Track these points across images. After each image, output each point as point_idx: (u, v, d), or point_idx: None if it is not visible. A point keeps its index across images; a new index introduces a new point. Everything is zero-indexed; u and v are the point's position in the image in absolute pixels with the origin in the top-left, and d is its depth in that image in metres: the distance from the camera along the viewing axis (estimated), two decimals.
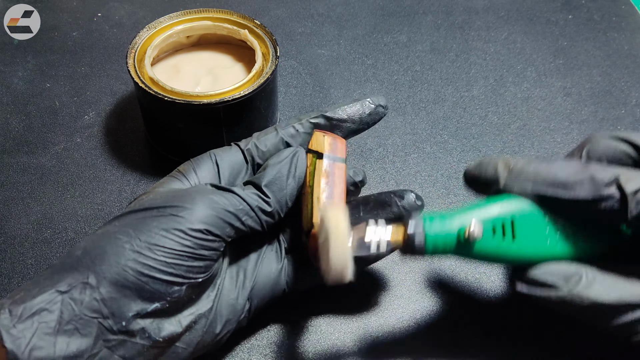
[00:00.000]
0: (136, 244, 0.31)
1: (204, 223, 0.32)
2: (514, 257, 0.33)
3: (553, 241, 0.33)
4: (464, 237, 0.32)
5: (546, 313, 0.39)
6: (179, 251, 0.31)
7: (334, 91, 0.56)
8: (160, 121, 0.47)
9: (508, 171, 0.33)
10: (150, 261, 0.30)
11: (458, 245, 0.32)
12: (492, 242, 0.32)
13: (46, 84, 0.56)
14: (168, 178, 0.36)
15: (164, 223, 0.31)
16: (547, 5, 0.67)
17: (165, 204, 0.32)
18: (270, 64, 0.46)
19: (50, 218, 0.45)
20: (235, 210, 0.33)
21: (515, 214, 0.33)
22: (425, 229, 0.32)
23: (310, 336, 0.39)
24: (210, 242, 0.32)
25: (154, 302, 0.31)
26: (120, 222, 0.32)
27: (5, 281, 0.41)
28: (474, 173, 0.35)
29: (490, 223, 0.32)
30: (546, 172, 0.32)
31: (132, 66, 0.45)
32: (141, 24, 0.56)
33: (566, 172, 0.32)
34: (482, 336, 0.39)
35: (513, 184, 0.33)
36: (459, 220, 0.32)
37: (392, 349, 0.39)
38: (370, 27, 0.64)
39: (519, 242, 0.33)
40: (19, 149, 0.50)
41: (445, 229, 0.32)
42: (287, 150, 0.37)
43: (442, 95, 0.56)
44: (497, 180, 0.34)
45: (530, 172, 0.33)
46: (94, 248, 0.31)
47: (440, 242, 0.32)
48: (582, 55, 0.61)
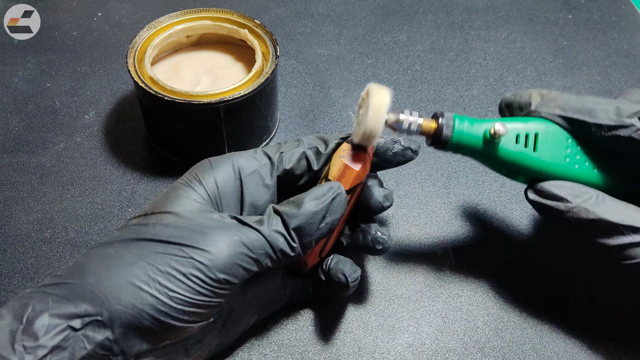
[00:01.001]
0: (155, 287, 0.29)
1: (225, 274, 0.30)
2: (532, 168, 0.35)
3: (572, 162, 0.35)
4: (490, 134, 0.34)
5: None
6: (198, 300, 0.30)
7: (334, 91, 0.56)
8: (160, 121, 0.47)
9: (541, 98, 0.36)
10: (168, 309, 0.30)
11: (484, 143, 0.35)
12: (514, 147, 0.35)
13: (46, 84, 0.56)
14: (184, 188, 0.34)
15: (185, 266, 0.30)
16: (547, 5, 0.67)
17: (186, 242, 0.31)
18: (270, 63, 0.46)
19: (50, 218, 0.45)
20: (258, 254, 0.31)
21: (539, 130, 0.35)
22: (455, 124, 0.35)
23: (310, 336, 0.39)
24: (228, 290, 0.31)
25: (165, 340, 0.31)
26: (139, 251, 0.31)
27: (5, 281, 0.41)
28: (509, 99, 0.38)
29: (515, 132, 0.35)
30: (576, 101, 0.35)
31: (132, 66, 0.45)
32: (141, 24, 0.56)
33: (594, 101, 0.35)
34: (481, 335, 0.39)
35: (543, 107, 0.36)
36: (486, 125, 0.35)
37: (392, 349, 0.39)
38: (370, 27, 0.64)
39: (539, 154, 0.35)
40: (19, 148, 0.50)
41: (472, 128, 0.35)
42: (327, 189, 0.33)
43: (442, 95, 0.56)
44: (529, 104, 0.36)
45: (561, 99, 0.35)
46: (108, 278, 0.30)
47: (465, 138, 0.35)
48: (582, 55, 0.61)
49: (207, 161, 0.35)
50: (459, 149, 0.35)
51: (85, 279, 0.30)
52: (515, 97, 0.37)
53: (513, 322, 0.40)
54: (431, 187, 0.48)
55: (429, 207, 0.47)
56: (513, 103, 0.37)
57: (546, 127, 0.35)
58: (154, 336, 0.30)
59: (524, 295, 0.41)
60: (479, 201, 0.47)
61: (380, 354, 0.38)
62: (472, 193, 0.48)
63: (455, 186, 0.48)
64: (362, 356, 0.38)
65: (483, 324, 0.40)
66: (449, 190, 0.48)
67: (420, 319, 0.40)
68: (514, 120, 0.36)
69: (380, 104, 0.32)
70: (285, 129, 0.52)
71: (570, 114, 0.35)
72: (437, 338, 0.39)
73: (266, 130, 0.50)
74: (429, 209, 0.47)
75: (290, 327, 0.40)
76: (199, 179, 0.34)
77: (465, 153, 0.35)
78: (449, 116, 0.35)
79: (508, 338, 0.39)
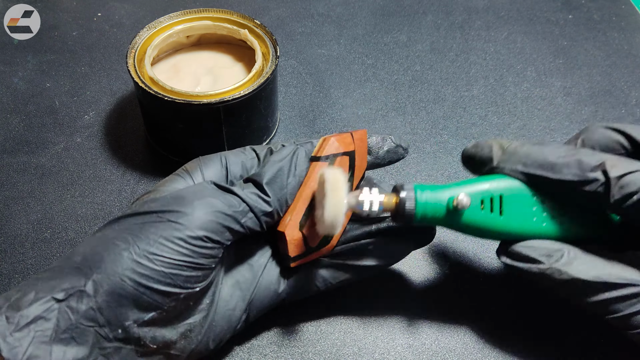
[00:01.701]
0: (135, 252, 0.30)
1: (203, 230, 0.31)
2: (500, 231, 0.35)
3: (540, 220, 0.34)
4: (453, 205, 0.33)
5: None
6: (178, 260, 0.30)
7: (334, 91, 0.56)
8: (160, 121, 0.47)
9: (502, 151, 0.35)
10: (149, 271, 0.30)
11: (447, 213, 0.34)
12: (480, 214, 0.34)
13: (46, 84, 0.56)
14: (173, 176, 0.36)
15: (163, 230, 0.31)
16: (547, 5, 0.67)
17: (163, 208, 0.32)
18: (270, 63, 0.46)
19: (50, 218, 0.45)
20: (234, 212, 0.32)
21: (504, 191, 0.34)
22: (417, 196, 0.34)
23: (310, 336, 0.39)
24: (210, 250, 0.32)
25: (150, 311, 0.31)
26: (120, 226, 0.32)
27: (5, 281, 0.41)
28: (470, 152, 0.37)
29: (479, 196, 0.34)
30: (537, 154, 0.34)
31: (132, 66, 0.45)
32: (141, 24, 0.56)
33: (556, 154, 0.33)
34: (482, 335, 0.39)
35: (505, 163, 0.35)
36: (449, 192, 0.34)
37: (392, 349, 0.39)
38: (370, 27, 0.64)
39: (506, 217, 0.34)
40: (19, 148, 0.50)
41: (435, 197, 0.34)
42: (287, 149, 0.36)
43: (442, 95, 0.56)
44: (491, 159, 0.35)
45: (522, 153, 0.34)
46: (92, 254, 0.30)
47: (429, 209, 0.34)
48: (582, 55, 0.61)
49: (197, 158, 0.37)
50: (424, 220, 0.34)
51: (72, 259, 0.31)
52: (476, 151, 0.36)
53: (513, 322, 0.40)
54: None
55: None
56: (475, 157, 0.36)
57: (511, 187, 0.34)
58: (138, 304, 0.30)
59: (525, 294, 0.41)
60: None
61: (380, 354, 0.38)
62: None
63: None
64: (362, 356, 0.38)
65: (483, 323, 0.40)
66: None
67: (420, 319, 0.40)
68: (477, 181, 0.35)
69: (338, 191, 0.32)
70: (285, 129, 0.52)
71: (532, 170, 0.34)
72: (437, 338, 0.39)
73: (266, 130, 0.50)
74: None
75: (290, 327, 0.40)
76: (188, 170, 0.36)
77: (431, 223, 0.35)
78: (409, 187, 0.34)
79: (508, 338, 0.39)
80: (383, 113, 0.54)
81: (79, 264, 0.30)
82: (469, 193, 0.34)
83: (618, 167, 0.32)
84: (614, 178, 0.31)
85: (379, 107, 0.55)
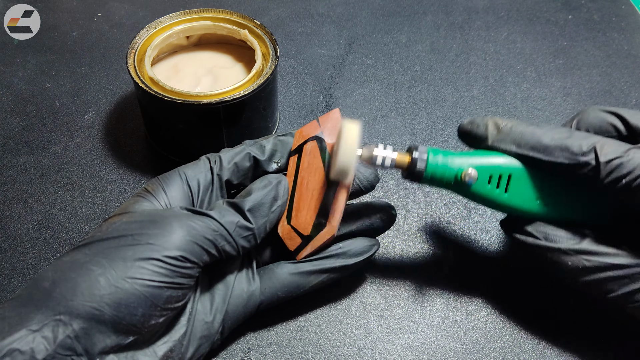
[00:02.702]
0: (111, 276, 0.29)
1: (180, 249, 0.31)
2: (503, 206, 0.36)
3: (543, 202, 0.36)
4: (461, 177, 0.35)
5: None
6: (157, 281, 0.30)
7: (334, 91, 0.56)
8: (160, 121, 0.47)
9: (497, 131, 0.36)
10: (128, 295, 0.29)
11: (455, 182, 0.35)
12: (485, 188, 0.35)
13: (46, 84, 0.56)
14: (136, 198, 0.35)
15: (140, 252, 0.30)
16: (547, 5, 0.67)
17: (140, 230, 0.31)
18: (270, 64, 0.46)
19: (50, 218, 0.45)
20: (213, 236, 0.32)
21: (514, 171, 0.35)
22: (429, 158, 0.35)
23: (310, 336, 0.39)
24: (187, 269, 0.31)
25: (129, 335, 0.30)
26: (92, 251, 0.31)
27: (5, 281, 0.41)
28: (466, 129, 0.37)
29: (489, 171, 0.35)
30: (530, 135, 0.34)
31: (132, 66, 0.45)
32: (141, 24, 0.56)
33: (549, 137, 0.34)
34: (481, 335, 0.39)
35: (499, 143, 0.35)
36: (460, 160, 0.35)
37: (392, 349, 0.39)
38: (370, 28, 0.64)
39: (510, 195, 0.36)
40: (19, 149, 0.50)
41: (446, 163, 0.35)
42: (272, 177, 0.36)
43: (442, 95, 0.56)
44: (486, 137, 0.36)
45: (516, 133, 0.35)
46: (64, 280, 0.29)
47: (439, 172, 0.35)
48: (582, 55, 0.61)
49: (156, 177, 0.36)
50: (433, 182, 0.35)
51: (40, 286, 0.29)
52: (472, 128, 0.37)
53: (513, 322, 0.40)
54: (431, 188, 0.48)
55: (429, 207, 0.47)
56: (470, 134, 0.37)
57: (522, 169, 0.35)
58: (117, 329, 0.29)
59: (524, 295, 0.41)
60: None
61: (380, 354, 0.38)
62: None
63: None
64: (362, 356, 0.38)
65: (483, 324, 0.40)
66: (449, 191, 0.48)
67: (420, 319, 0.40)
68: (488, 155, 0.35)
69: (352, 141, 0.33)
70: (285, 129, 0.53)
71: (525, 151, 0.34)
72: (436, 338, 0.39)
73: (266, 130, 0.50)
74: (429, 209, 0.47)
75: (290, 327, 0.40)
76: (149, 189, 0.35)
77: (439, 186, 0.36)
78: (422, 150, 0.35)
79: (508, 338, 0.39)
80: (383, 113, 0.54)
81: (51, 291, 0.29)
82: (479, 165, 0.35)
83: (608, 151, 0.32)
84: (604, 162, 0.32)
85: (379, 108, 0.55)
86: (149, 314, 0.30)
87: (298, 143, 0.37)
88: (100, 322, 0.29)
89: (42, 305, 0.29)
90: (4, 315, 0.28)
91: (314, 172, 0.37)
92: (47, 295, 0.29)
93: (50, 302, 0.29)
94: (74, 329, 0.28)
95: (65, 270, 0.30)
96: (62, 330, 0.28)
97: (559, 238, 0.35)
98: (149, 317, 0.30)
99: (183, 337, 0.33)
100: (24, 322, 0.28)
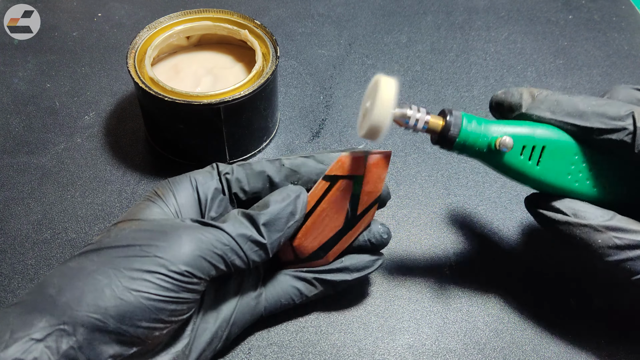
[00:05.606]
0: (117, 287, 0.29)
1: (187, 265, 0.30)
2: (533, 179, 0.35)
3: (574, 178, 0.35)
4: (495, 145, 0.33)
5: None
6: (162, 296, 0.29)
7: (334, 91, 0.56)
8: (160, 121, 0.47)
9: (532, 99, 0.35)
10: (132, 308, 0.29)
11: (488, 150, 0.34)
12: (517, 159, 0.34)
13: (46, 84, 0.56)
14: (146, 202, 0.34)
15: (147, 264, 0.30)
16: (547, 5, 0.67)
17: (149, 241, 0.30)
18: (270, 64, 0.46)
19: (50, 218, 0.45)
20: (223, 250, 0.31)
21: (548, 143, 0.34)
22: (463, 123, 0.33)
23: (310, 337, 0.39)
24: (193, 285, 0.31)
25: (132, 347, 0.30)
26: (100, 259, 0.30)
27: (5, 281, 0.41)
28: (500, 98, 0.36)
29: (522, 141, 0.34)
30: (566, 102, 0.34)
31: (132, 66, 0.45)
32: (141, 24, 0.56)
33: (585, 103, 0.34)
34: (482, 336, 0.39)
35: (534, 110, 0.35)
36: (495, 128, 0.34)
37: (392, 350, 0.39)
38: (371, 28, 0.64)
39: (541, 168, 0.35)
40: (19, 149, 0.50)
41: (480, 130, 0.34)
42: (291, 189, 0.35)
43: (442, 95, 0.56)
44: (520, 105, 0.35)
45: (551, 100, 0.34)
46: (70, 288, 0.29)
47: (471, 139, 0.34)
48: (582, 55, 0.61)
49: (166, 180, 0.36)
50: (464, 150, 0.34)
51: (46, 293, 0.29)
52: (506, 97, 0.36)
53: (513, 323, 0.40)
54: (431, 188, 0.48)
55: (429, 208, 0.47)
56: (504, 103, 0.36)
57: (555, 141, 0.34)
58: (120, 341, 0.29)
59: (524, 296, 0.41)
60: (480, 202, 0.47)
61: (381, 355, 0.38)
62: (472, 194, 0.48)
63: (455, 187, 0.48)
64: (362, 357, 0.38)
65: (483, 324, 0.40)
66: (449, 191, 0.48)
67: (420, 319, 0.40)
68: (522, 124, 0.34)
69: (388, 97, 0.31)
70: (285, 129, 0.52)
71: (560, 117, 0.34)
72: (437, 339, 0.39)
73: (266, 130, 0.50)
74: (429, 210, 0.47)
75: (290, 328, 0.40)
76: (159, 194, 0.35)
77: (469, 154, 0.35)
78: (457, 114, 0.33)
79: (508, 339, 0.39)
80: None
81: (55, 298, 0.29)
82: (514, 134, 0.34)
83: None
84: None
85: None
86: (152, 327, 0.30)
87: (336, 172, 0.35)
88: (104, 333, 0.29)
89: (46, 313, 0.28)
90: (8, 322, 0.28)
91: (337, 212, 0.36)
92: (52, 304, 0.29)
93: (55, 310, 0.28)
94: (77, 340, 0.28)
95: (72, 277, 0.30)
96: (66, 340, 0.28)
97: (588, 214, 0.34)
98: (153, 330, 0.30)
99: (186, 347, 0.33)
100: (27, 330, 0.28)
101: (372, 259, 0.38)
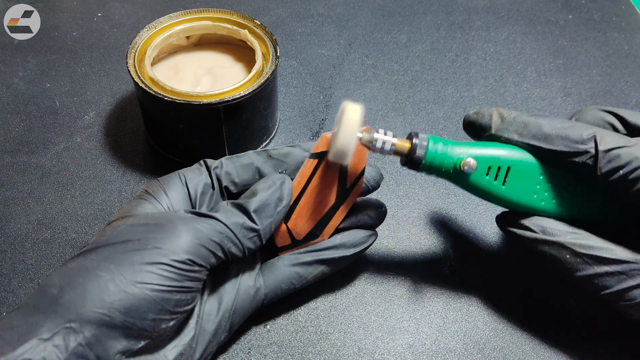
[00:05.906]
0: (120, 281, 0.29)
1: (188, 253, 0.31)
2: (499, 199, 0.36)
3: (540, 197, 0.36)
4: (460, 166, 0.34)
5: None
6: (166, 286, 0.30)
7: (334, 91, 0.56)
8: (160, 121, 0.47)
9: (501, 120, 0.36)
10: (138, 300, 0.29)
11: (454, 171, 0.35)
12: (483, 179, 0.35)
13: (46, 84, 0.56)
14: (138, 200, 0.35)
15: (148, 256, 0.30)
16: (547, 5, 0.67)
17: (147, 234, 0.31)
18: (270, 64, 0.46)
19: (50, 218, 0.45)
20: (219, 238, 0.32)
21: (513, 163, 0.35)
22: (429, 145, 0.35)
23: (310, 336, 0.39)
24: (195, 273, 0.31)
25: (140, 340, 0.30)
26: (99, 256, 0.30)
27: (5, 281, 0.41)
28: (471, 118, 0.38)
29: (487, 162, 0.35)
30: (533, 125, 0.35)
31: (132, 66, 0.45)
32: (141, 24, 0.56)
33: (551, 126, 0.35)
34: (482, 336, 0.39)
35: (502, 132, 0.36)
36: (460, 151, 0.35)
37: (392, 350, 0.39)
38: (370, 27, 0.64)
39: (507, 188, 0.36)
40: (19, 149, 0.50)
41: (445, 151, 0.35)
42: (276, 177, 0.36)
43: (442, 95, 0.56)
44: (490, 126, 0.36)
45: (519, 122, 0.35)
46: (72, 286, 0.29)
47: (438, 160, 0.35)
48: (582, 55, 0.61)
49: (156, 179, 0.37)
50: (431, 171, 0.35)
51: (48, 293, 0.29)
52: (477, 118, 0.37)
53: (513, 322, 0.40)
54: (431, 188, 0.48)
55: (429, 207, 0.47)
56: (475, 123, 0.37)
57: (520, 162, 0.35)
58: (128, 335, 0.29)
59: (524, 295, 0.41)
60: (479, 202, 0.47)
61: (380, 355, 0.38)
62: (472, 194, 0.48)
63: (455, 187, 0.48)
64: (362, 357, 0.38)
65: (483, 324, 0.40)
66: (449, 191, 0.48)
67: (420, 319, 0.40)
68: (491, 146, 0.35)
69: (352, 123, 0.32)
70: (285, 129, 0.53)
71: (527, 139, 0.35)
72: (437, 339, 0.39)
73: (266, 130, 0.50)
74: (429, 209, 0.47)
75: (290, 327, 0.40)
76: (150, 192, 0.35)
77: (437, 175, 0.36)
78: (423, 137, 0.35)
79: (508, 339, 0.39)
80: (383, 113, 0.54)
81: (58, 298, 0.29)
82: (479, 156, 0.35)
83: (607, 141, 0.33)
84: (602, 151, 0.33)
85: (379, 107, 0.55)
86: (159, 318, 0.30)
87: (322, 149, 0.36)
88: (111, 328, 0.29)
89: (50, 313, 0.28)
90: (12, 325, 0.28)
91: (328, 186, 0.36)
92: (55, 303, 0.29)
93: (59, 309, 0.28)
94: (85, 336, 0.28)
95: (73, 276, 0.30)
96: (74, 338, 0.28)
97: (556, 231, 0.35)
98: (160, 322, 0.30)
99: (192, 340, 0.33)
100: (33, 331, 0.28)
101: (367, 234, 0.39)
